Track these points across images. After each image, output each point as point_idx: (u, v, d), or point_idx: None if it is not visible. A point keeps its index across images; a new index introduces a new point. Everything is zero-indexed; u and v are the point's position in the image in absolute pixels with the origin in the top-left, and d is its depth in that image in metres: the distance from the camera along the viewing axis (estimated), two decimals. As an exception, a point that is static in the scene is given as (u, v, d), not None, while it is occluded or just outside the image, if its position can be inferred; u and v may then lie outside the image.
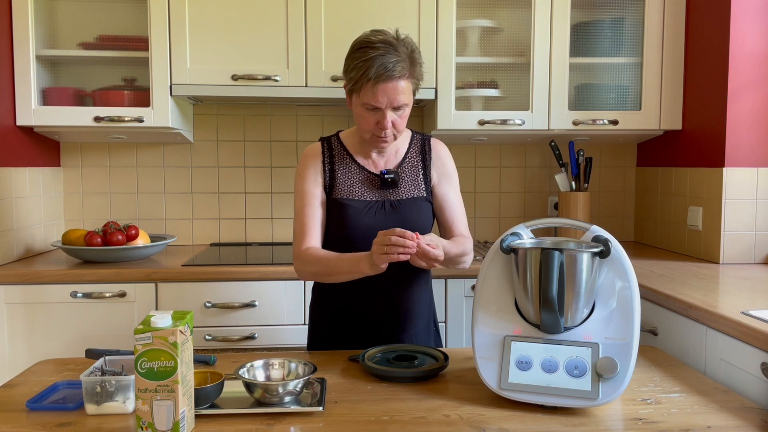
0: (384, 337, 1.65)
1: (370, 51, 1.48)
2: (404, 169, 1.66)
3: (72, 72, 2.68)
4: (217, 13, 2.43)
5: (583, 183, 2.76)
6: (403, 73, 1.49)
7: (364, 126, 1.56)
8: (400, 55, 1.48)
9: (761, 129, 2.33)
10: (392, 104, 1.50)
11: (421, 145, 1.70)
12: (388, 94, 1.48)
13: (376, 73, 1.46)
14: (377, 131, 1.54)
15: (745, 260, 2.35)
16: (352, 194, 1.62)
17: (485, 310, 1.28)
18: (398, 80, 1.48)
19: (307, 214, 1.62)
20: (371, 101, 1.49)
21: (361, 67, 1.48)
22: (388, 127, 1.52)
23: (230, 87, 2.45)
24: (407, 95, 1.52)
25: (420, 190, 1.65)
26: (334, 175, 1.64)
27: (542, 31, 2.55)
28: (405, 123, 1.57)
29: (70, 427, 1.12)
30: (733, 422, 1.15)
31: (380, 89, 1.48)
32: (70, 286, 2.21)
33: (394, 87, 1.48)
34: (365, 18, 2.47)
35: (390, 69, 1.46)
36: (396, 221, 1.59)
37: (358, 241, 1.58)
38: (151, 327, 1.03)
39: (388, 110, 1.51)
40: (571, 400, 1.17)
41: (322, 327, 1.72)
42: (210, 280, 2.25)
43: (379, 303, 1.64)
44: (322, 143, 1.68)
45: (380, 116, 1.52)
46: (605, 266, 1.25)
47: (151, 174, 2.84)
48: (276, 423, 1.14)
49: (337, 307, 1.67)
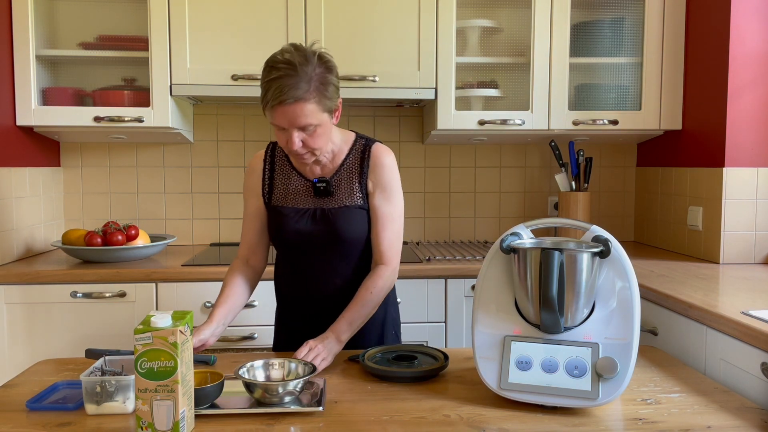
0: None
1: (272, 72, 1.43)
2: (340, 177, 1.61)
3: (72, 72, 2.68)
4: (217, 13, 2.43)
5: (583, 183, 2.76)
6: (301, 96, 1.41)
7: (280, 143, 1.52)
8: (301, 77, 1.41)
9: (761, 129, 2.33)
10: (294, 125, 1.45)
11: (361, 152, 1.62)
12: (287, 116, 1.44)
13: (272, 97, 1.42)
14: (290, 148, 1.50)
15: (745, 260, 2.35)
16: (286, 202, 1.63)
17: (485, 310, 1.28)
18: (295, 104, 1.42)
19: (245, 223, 1.70)
20: (274, 121, 1.47)
21: (263, 88, 1.45)
22: (295, 146, 1.47)
23: (230, 87, 2.45)
24: (312, 116, 1.44)
25: (355, 199, 1.60)
26: (273, 182, 1.66)
27: (542, 31, 2.55)
28: (322, 140, 1.50)
29: (70, 427, 1.12)
30: (733, 422, 1.15)
31: (278, 112, 1.43)
32: (70, 286, 2.21)
33: (293, 110, 1.42)
34: (365, 18, 2.47)
35: (285, 93, 1.40)
36: (327, 230, 1.59)
37: (291, 248, 1.63)
38: (151, 327, 1.03)
39: (294, 131, 1.46)
40: (571, 400, 1.17)
41: (281, 326, 1.75)
42: (210, 280, 2.25)
43: (324, 302, 1.64)
44: (266, 150, 1.69)
45: (288, 136, 1.47)
46: (605, 266, 1.25)
47: (151, 174, 2.84)
48: (276, 423, 1.14)
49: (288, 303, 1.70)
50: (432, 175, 2.95)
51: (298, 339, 1.65)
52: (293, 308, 1.70)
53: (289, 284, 1.69)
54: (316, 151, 1.52)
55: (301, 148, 1.49)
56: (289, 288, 1.69)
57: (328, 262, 1.63)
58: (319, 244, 1.61)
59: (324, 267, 1.63)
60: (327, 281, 1.64)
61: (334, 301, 1.63)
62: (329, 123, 1.51)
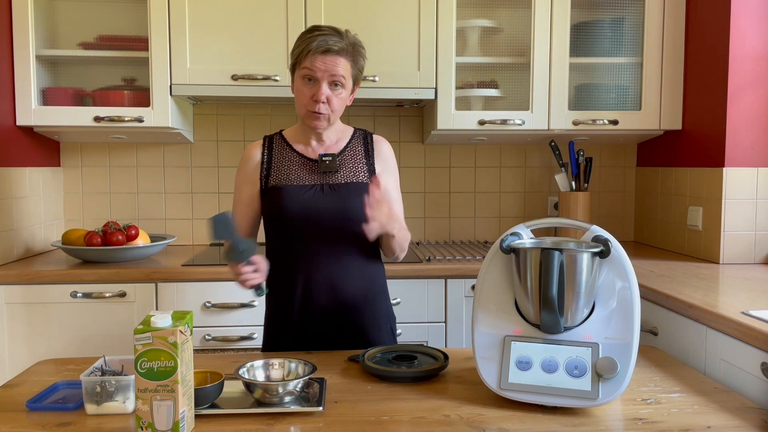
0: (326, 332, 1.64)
1: (314, 31, 1.58)
2: (344, 157, 1.68)
3: (72, 72, 2.68)
4: (217, 13, 2.43)
5: (583, 183, 2.76)
6: (343, 51, 1.57)
7: (301, 100, 1.61)
8: (343, 39, 1.58)
9: (761, 129, 2.33)
10: (329, 73, 1.56)
11: (363, 139, 1.74)
12: (326, 64, 1.56)
13: (317, 45, 1.55)
14: (312, 105, 1.59)
15: (745, 260, 2.36)
16: (289, 180, 1.65)
17: (485, 310, 1.28)
18: (337, 55, 1.57)
19: (237, 210, 1.71)
20: (308, 65, 1.56)
21: (304, 41, 1.58)
22: (322, 97, 1.57)
23: (230, 87, 2.45)
24: (346, 75, 1.59)
25: (360, 176, 1.67)
26: (271, 165, 1.68)
27: (542, 31, 2.55)
28: (341, 105, 1.62)
29: (70, 427, 1.12)
30: (733, 422, 1.15)
31: (319, 59, 1.56)
32: (70, 286, 2.21)
33: (333, 60, 1.56)
34: (365, 18, 2.47)
35: (331, 44, 1.56)
36: (333, 203, 1.61)
37: (293, 224, 1.61)
38: (151, 327, 1.03)
39: (324, 83, 1.57)
40: (571, 400, 1.17)
41: (269, 327, 1.72)
42: (210, 280, 2.25)
43: (320, 294, 1.63)
44: (263, 139, 1.74)
45: (316, 88, 1.57)
46: (605, 266, 1.25)
47: (151, 174, 2.84)
48: (276, 423, 1.14)
49: (280, 303, 1.67)
50: (432, 175, 2.95)
51: (294, 337, 1.65)
52: (287, 305, 1.65)
53: (284, 276, 1.64)
54: (332, 116, 1.62)
55: (324, 105, 1.58)
56: (285, 280, 1.65)
57: (332, 243, 1.61)
58: (326, 220, 1.60)
59: (327, 250, 1.61)
60: (329, 267, 1.61)
61: (337, 290, 1.62)
62: (349, 94, 1.64)
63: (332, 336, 1.64)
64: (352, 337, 1.65)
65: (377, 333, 1.69)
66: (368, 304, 1.67)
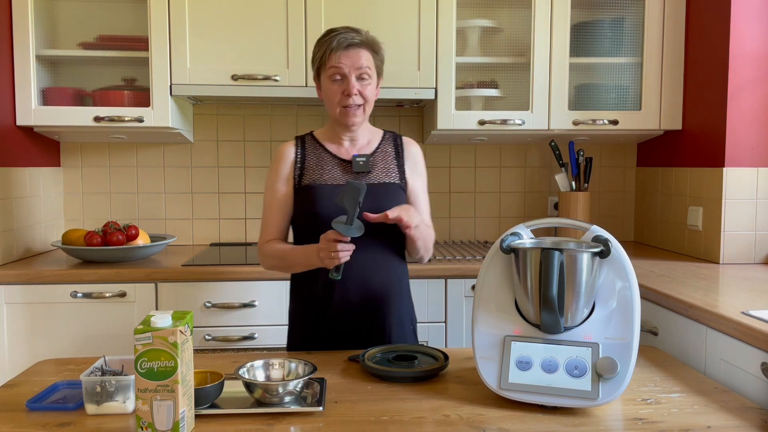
0: (356, 329, 1.65)
1: (332, 32, 1.65)
2: (376, 158, 1.72)
3: (72, 72, 2.68)
4: (217, 13, 2.43)
5: (583, 183, 2.76)
6: (363, 44, 1.64)
7: (332, 98, 1.65)
8: (360, 35, 1.65)
9: (761, 129, 2.33)
10: (355, 66, 1.62)
11: (393, 141, 1.78)
12: (350, 59, 1.62)
13: (338, 43, 1.61)
14: (344, 101, 1.63)
15: (745, 260, 2.36)
16: (322, 180, 1.67)
17: (485, 310, 1.28)
18: (359, 47, 1.63)
19: (272, 209, 1.71)
20: (335, 64, 1.62)
21: (324, 44, 1.65)
22: (354, 90, 1.62)
23: (230, 87, 2.45)
24: (370, 66, 1.65)
25: (392, 177, 1.70)
26: (304, 165, 1.70)
27: (542, 31, 2.55)
28: (372, 96, 1.67)
29: (70, 427, 1.12)
30: (733, 422, 1.15)
31: (342, 55, 1.62)
32: (70, 286, 2.21)
33: (356, 53, 1.62)
34: (365, 18, 2.47)
35: (350, 39, 1.62)
36: (367, 205, 1.60)
37: (327, 224, 1.59)
38: (151, 327, 1.03)
39: (352, 77, 1.62)
40: (571, 400, 1.17)
41: (299, 324, 1.72)
42: (210, 280, 2.25)
43: (348, 292, 1.64)
44: (295, 139, 1.76)
45: (345, 84, 1.63)
46: (605, 266, 1.25)
47: (151, 174, 2.84)
48: (276, 423, 1.14)
49: (311, 299, 1.68)
50: (432, 175, 2.95)
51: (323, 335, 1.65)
52: (316, 302, 1.66)
53: (313, 274, 1.65)
54: (366, 107, 1.66)
55: (357, 96, 1.63)
56: (314, 279, 1.66)
57: (362, 243, 1.61)
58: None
59: (357, 250, 1.60)
60: (358, 266, 1.62)
61: (365, 289, 1.64)
62: (376, 86, 1.70)
63: (358, 334, 1.65)
64: (378, 335, 1.67)
65: (400, 332, 1.71)
66: (395, 303, 1.70)
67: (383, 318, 1.67)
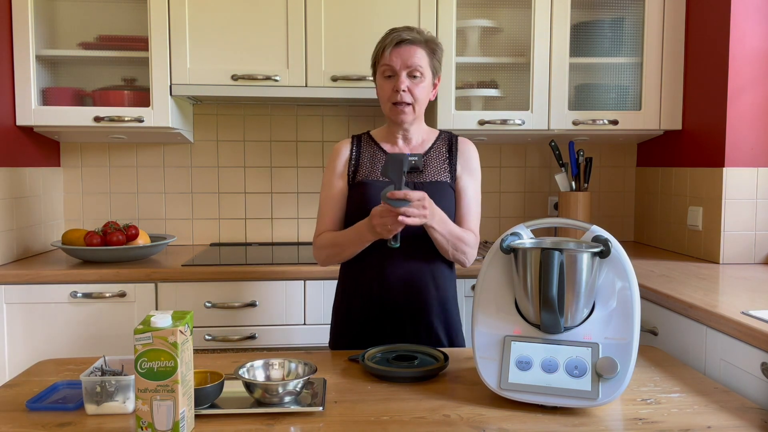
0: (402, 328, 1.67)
1: (392, 31, 1.65)
2: (429, 158, 1.73)
3: (72, 72, 2.68)
4: (217, 13, 2.43)
5: (583, 183, 2.76)
6: (417, 41, 1.63)
7: (383, 95, 1.67)
8: (418, 34, 1.64)
9: (761, 129, 2.33)
10: (406, 65, 1.61)
11: (448, 141, 1.77)
12: (402, 56, 1.61)
13: (391, 40, 1.62)
14: (394, 96, 1.63)
15: (745, 260, 2.35)
16: (375, 176, 1.69)
17: (485, 310, 1.28)
18: (412, 44, 1.62)
19: (327, 204, 1.73)
20: (387, 61, 1.62)
21: (379, 42, 1.66)
22: (402, 86, 1.61)
23: (230, 87, 2.45)
24: (423, 64, 1.63)
25: (444, 176, 1.70)
26: (359, 162, 1.72)
27: (542, 31, 2.55)
28: (424, 95, 1.66)
29: (70, 427, 1.12)
30: (733, 422, 1.15)
31: (394, 52, 1.62)
32: (70, 286, 2.21)
33: (408, 50, 1.62)
34: (365, 18, 2.47)
35: (403, 37, 1.62)
36: None
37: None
38: (151, 327, 1.03)
39: (403, 74, 1.62)
40: (571, 400, 1.17)
41: (344, 323, 1.73)
42: (210, 280, 2.25)
43: (396, 290, 1.65)
44: (351, 138, 1.78)
45: (395, 80, 1.63)
46: (605, 266, 1.25)
47: (151, 174, 2.84)
48: (276, 423, 1.14)
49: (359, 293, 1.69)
50: (432, 175, 2.95)
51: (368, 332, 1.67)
52: (364, 297, 1.67)
53: (361, 269, 1.67)
54: (416, 106, 1.65)
55: (405, 93, 1.62)
56: (362, 274, 1.67)
57: (411, 240, 1.62)
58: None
59: (406, 246, 1.61)
60: (407, 264, 1.64)
61: (413, 287, 1.65)
62: (430, 86, 1.68)
63: (404, 334, 1.67)
64: (425, 336, 1.68)
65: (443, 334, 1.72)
66: (440, 303, 1.71)
67: (428, 318, 1.68)
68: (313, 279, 2.28)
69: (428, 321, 1.69)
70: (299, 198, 2.91)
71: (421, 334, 1.68)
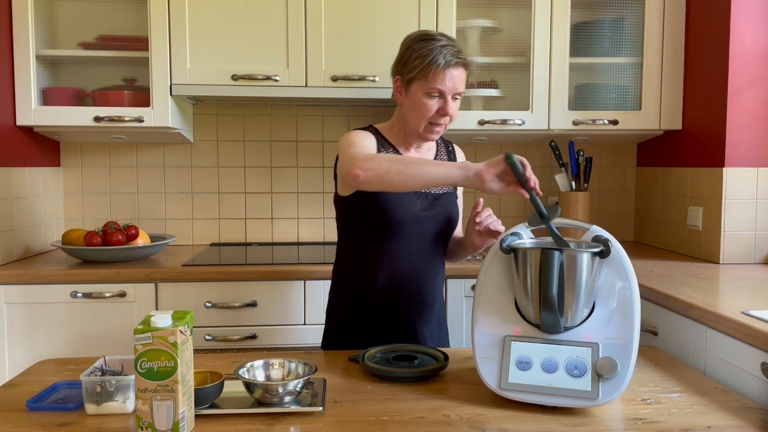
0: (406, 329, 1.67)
1: (434, 41, 1.55)
2: None
3: (72, 72, 2.68)
4: (217, 13, 2.43)
5: (583, 183, 2.76)
6: (468, 62, 1.58)
7: (423, 113, 1.58)
8: (464, 55, 1.58)
9: (761, 129, 2.33)
10: (456, 90, 1.56)
11: (446, 148, 1.78)
12: (454, 80, 1.55)
13: (446, 59, 1.52)
14: (435, 118, 1.58)
15: (745, 260, 2.35)
16: None
17: (485, 310, 1.28)
18: (463, 68, 1.57)
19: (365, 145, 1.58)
20: (438, 85, 1.54)
21: (428, 54, 1.53)
22: (449, 112, 1.57)
23: (230, 87, 2.45)
24: (464, 85, 1.59)
25: (450, 187, 1.70)
26: None
27: (542, 31, 2.55)
28: (456, 113, 1.63)
29: (70, 427, 1.12)
30: (733, 422, 1.15)
31: (448, 74, 1.54)
32: (70, 286, 2.21)
33: (460, 74, 1.56)
34: (365, 18, 2.47)
35: (459, 56, 1.55)
36: (435, 214, 1.64)
37: (404, 228, 1.61)
38: (151, 327, 1.03)
39: (449, 96, 1.56)
40: (571, 400, 1.17)
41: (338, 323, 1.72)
42: (210, 280, 2.25)
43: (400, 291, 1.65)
44: (371, 129, 1.70)
45: (443, 103, 1.57)
46: (605, 266, 1.25)
47: (151, 174, 2.84)
48: (276, 423, 1.14)
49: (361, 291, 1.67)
50: (432, 175, 2.95)
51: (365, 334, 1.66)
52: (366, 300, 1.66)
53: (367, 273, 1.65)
54: (447, 126, 1.62)
55: (447, 118, 1.58)
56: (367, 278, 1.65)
57: (420, 248, 1.64)
58: (427, 227, 1.63)
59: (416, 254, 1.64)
60: (414, 269, 1.65)
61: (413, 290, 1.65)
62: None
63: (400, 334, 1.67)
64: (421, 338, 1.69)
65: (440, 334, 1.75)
66: (437, 305, 1.73)
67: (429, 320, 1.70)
68: (313, 279, 2.28)
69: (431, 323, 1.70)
70: (299, 198, 2.91)
71: (413, 338, 1.68)
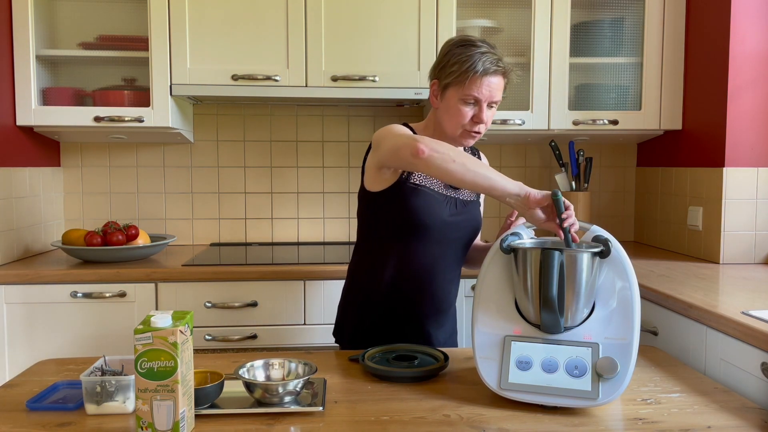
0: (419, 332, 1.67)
1: (473, 48, 1.54)
2: None
3: (72, 72, 2.68)
4: (217, 13, 2.43)
5: (583, 183, 2.76)
6: (504, 71, 1.57)
7: (459, 120, 1.57)
8: (503, 63, 1.57)
9: (761, 129, 2.33)
10: (492, 98, 1.56)
11: (471, 152, 1.77)
12: (491, 88, 1.54)
13: (484, 66, 1.52)
14: (470, 126, 1.57)
15: (745, 260, 2.35)
16: (431, 184, 1.62)
17: (485, 310, 1.28)
18: (501, 76, 1.56)
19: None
20: (474, 93, 1.53)
21: (466, 60, 1.53)
22: (484, 120, 1.56)
23: (230, 87, 2.45)
24: (501, 94, 1.58)
25: (475, 194, 1.70)
26: None
27: (542, 31, 2.55)
28: (491, 120, 1.62)
29: (70, 427, 1.12)
30: (733, 422, 1.15)
31: (486, 82, 1.53)
32: (70, 286, 2.21)
33: (498, 82, 1.55)
34: (365, 18, 2.47)
35: (499, 64, 1.54)
36: (462, 220, 1.64)
37: (431, 233, 1.59)
38: (151, 327, 1.03)
39: (485, 105, 1.56)
40: (571, 400, 1.17)
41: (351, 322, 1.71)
42: (210, 280, 2.25)
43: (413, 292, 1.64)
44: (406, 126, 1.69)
45: (478, 110, 1.56)
46: (605, 266, 1.25)
47: (151, 174, 2.85)
48: (276, 423, 1.14)
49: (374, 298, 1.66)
50: (432, 175, 2.95)
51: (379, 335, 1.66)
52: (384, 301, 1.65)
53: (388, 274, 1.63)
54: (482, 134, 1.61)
55: (483, 125, 1.57)
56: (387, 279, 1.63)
57: (443, 253, 1.64)
58: (453, 233, 1.63)
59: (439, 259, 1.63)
60: (435, 273, 1.64)
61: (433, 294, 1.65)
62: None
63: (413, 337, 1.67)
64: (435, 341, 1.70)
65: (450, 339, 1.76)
66: (452, 310, 1.75)
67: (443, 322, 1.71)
68: (313, 279, 2.28)
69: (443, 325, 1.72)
70: (299, 198, 2.91)
71: (426, 341, 1.69)
